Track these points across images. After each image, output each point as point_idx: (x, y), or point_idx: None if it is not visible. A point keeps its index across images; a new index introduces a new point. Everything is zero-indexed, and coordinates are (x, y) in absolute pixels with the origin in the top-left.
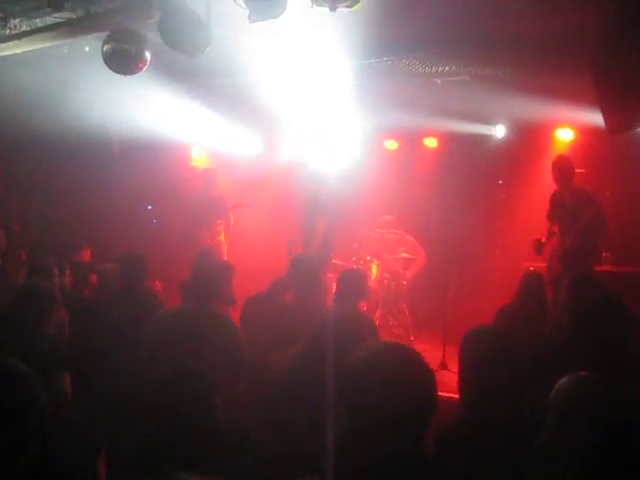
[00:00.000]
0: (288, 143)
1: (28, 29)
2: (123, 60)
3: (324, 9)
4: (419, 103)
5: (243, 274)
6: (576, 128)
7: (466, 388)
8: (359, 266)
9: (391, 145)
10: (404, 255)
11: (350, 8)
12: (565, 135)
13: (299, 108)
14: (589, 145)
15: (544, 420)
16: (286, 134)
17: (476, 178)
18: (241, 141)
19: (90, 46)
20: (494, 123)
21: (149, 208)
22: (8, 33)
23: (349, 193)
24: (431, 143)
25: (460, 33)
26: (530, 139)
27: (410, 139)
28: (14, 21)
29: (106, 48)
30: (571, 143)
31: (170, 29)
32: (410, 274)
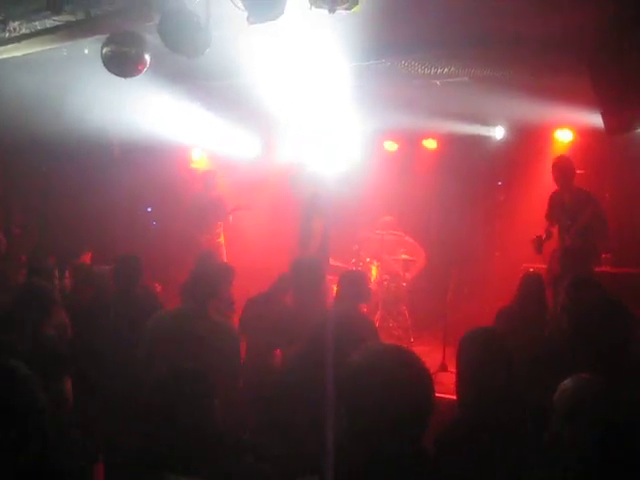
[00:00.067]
0: (287, 145)
1: (28, 32)
2: (122, 62)
3: (323, 11)
4: (418, 104)
5: (242, 275)
6: (575, 129)
7: (463, 389)
8: (359, 268)
9: (390, 146)
10: (404, 257)
11: (349, 10)
12: (564, 136)
13: (298, 110)
14: (588, 146)
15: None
16: (285, 136)
17: (475, 179)
18: (240, 143)
19: (90, 49)
20: (493, 124)
21: (149, 210)
22: (7, 36)
23: (349, 195)
24: (430, 144)
25: (459, 34)
26: (529, 140)
27: (409, 140)
28: (13, 24)
29: (105, 51)
30: (570, 144)
31: (169, 31)
32: (410, 276)
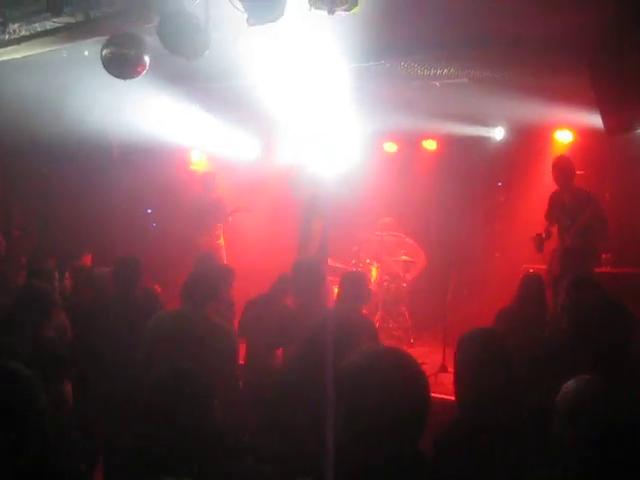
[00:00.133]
0: (287, 146)
1: (27, 34)
2: (122, 64)
3: (322, 12)
4: (418, 106)
5: (242, 277)
6: (575, 130)
7: (462, 390)
8: (359, 269)
9: (390, 148)
10: (404, 258)
11: (348, 11)
12: (564, 137)
13: (298, 111)
14: (588, 147)
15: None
16: (285, 137)
17: (475, 180)
18: (240, 145)
19: (89, 50)
20: (493, 125)
21: (149, 212)
22: (7, 38)
23: (348, 196)
24: (430, 145)
25: (458, 35)
26: (529, 141)
27: (409, 142)
28: (13, 26)
29: (105, 52)
30: (570, 145)
31: (169, 33)
32: (410, 277)
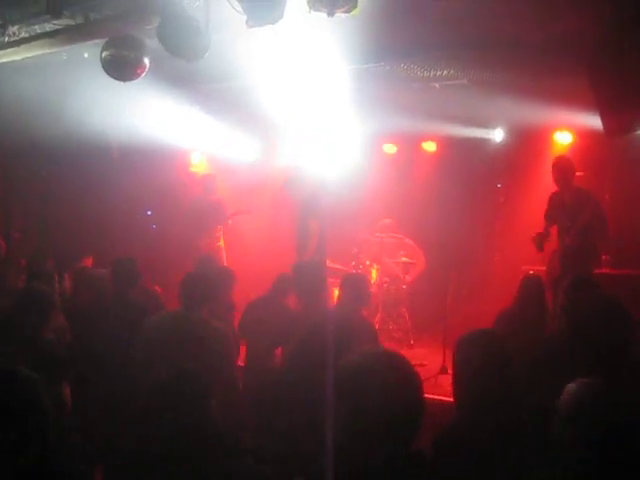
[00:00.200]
0: (286, 148)
1: (27, 36)
2: (122, 66)
3: (322, 14)
4: (417, 107)
5: (242, 278)
6: (574, 131)
7: (460, 391)
8: (359, 270)
9: (390, 149)
10: (404, 259)
11: (348, 13)
12: (564, 138)
13: (297, 112)
14: (587, 148)
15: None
16: (284, 139)
17: (475, 182)
18: (239, 146)
19: (89, 52)
20: (492, 127)
21: (149, 214)
22: (7, 40)
23: (348, 197)
24: (430, 147)
25: (458, 37)
26: (529, 142)
27: (409, 143)
28: (13, 28)
29: (105, 54)
30: (570, 146)
31: (169, 35)
32: (410, 278)
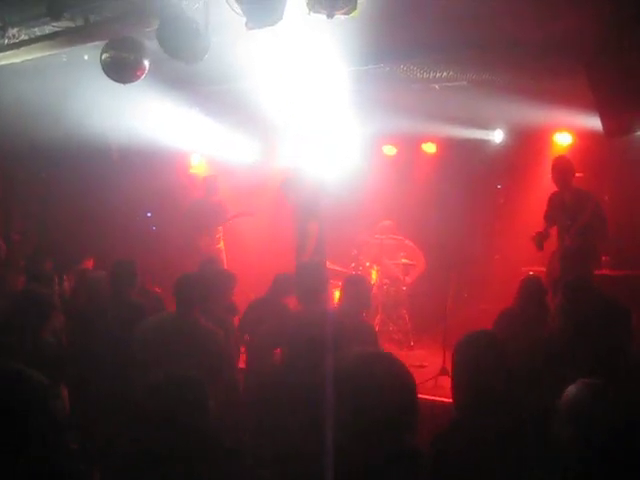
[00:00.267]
0: (286, 149)
1: (27, 38)
2: (122, 68)
3: (321, 16)
4: (417, 109)
5: (241, 280)
6: (574, 132)
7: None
8: (359, 272)
9: (390, 150)
10: (404, 260)
11: (347, 15)
12: (563, 139)
13: (297, 114)
14: (587, 149)
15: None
16: (284, 140)
17: (475, 183)
18: (239, 147)
19: (89, 54)
20: (492, 128)
21: (148, 215)
22: (7, 42)
23: (348, 199)
24: (429, 148)
25: (457, 38)
26: (528, 143)
27: (409, 144)
28: (12, 30)
29: (105, 56)
30: (569, 147)
31: (168, 37)
32: (410, 279)
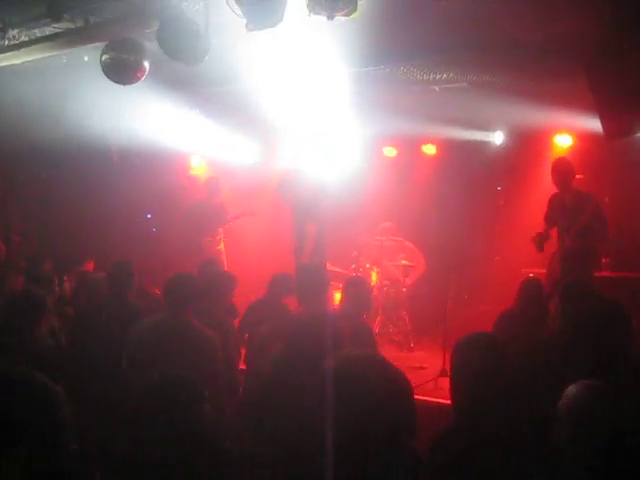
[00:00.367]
0: (286, 150)
1: (27, 39)
2: (122, 70)
3: (321, 17)
4: (417, 110)
5: (241, 281)
6: (574, 134)
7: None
8: (359, 273)
9: (390, 152)
10: (404, 262)
11: (347, 16)
12: (563, 141)
13: (297, 115)
14: (587, 151)
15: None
16: (284, 141)
17: (475, 184)
18: (239, 149)
19: (89, 56)
20: (492, 129)
21: (148, 217)
22: (7, 44)
23: (348, 200)
24: (430, 150)
25: (457, 40)
26: (528, 145)
27: (409, 146)
28: (13, 32)
29: (105, 58)
30: (569, 149)
31: (168, 38)
32: (410, 281)
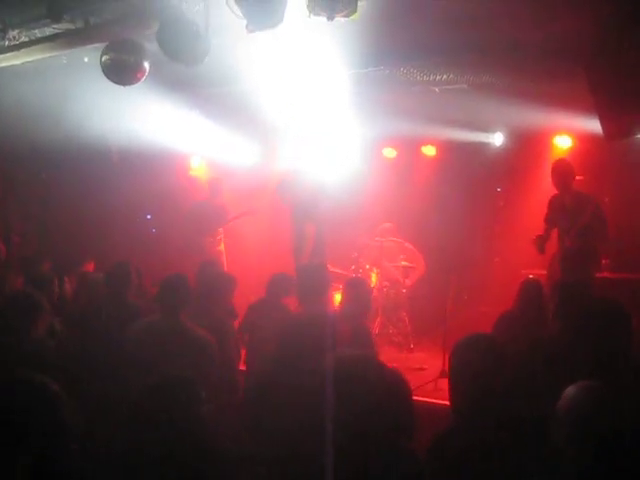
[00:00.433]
0: (286, 151)
1: (27, 40)
2: (122, 70)
3: (321, 19)
4: (417, 111)
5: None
6: (574, 135)
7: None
8: (358, 275)
9: (390, 153)
10: (404, 263)
11: (347, 17)
12: (563, 142)
13: (297, 116)
14: (587, 152)
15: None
16: (284, 142)
17: (475, 185)
18: (239, 150)
19: (89, 57)
20: (492, 131)
21: (148, 217)
22: (7, 44)
23: (348, 201)
24: (429, 151)
25: (457, 41)
26: (528, 146)
27: (408, 147)
28: (13, 32)
29: (105, 58)
30: (569, 150)
31: (168, 39)
32: (410, 282)
